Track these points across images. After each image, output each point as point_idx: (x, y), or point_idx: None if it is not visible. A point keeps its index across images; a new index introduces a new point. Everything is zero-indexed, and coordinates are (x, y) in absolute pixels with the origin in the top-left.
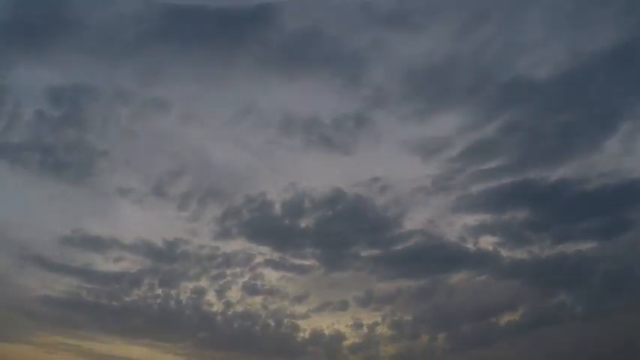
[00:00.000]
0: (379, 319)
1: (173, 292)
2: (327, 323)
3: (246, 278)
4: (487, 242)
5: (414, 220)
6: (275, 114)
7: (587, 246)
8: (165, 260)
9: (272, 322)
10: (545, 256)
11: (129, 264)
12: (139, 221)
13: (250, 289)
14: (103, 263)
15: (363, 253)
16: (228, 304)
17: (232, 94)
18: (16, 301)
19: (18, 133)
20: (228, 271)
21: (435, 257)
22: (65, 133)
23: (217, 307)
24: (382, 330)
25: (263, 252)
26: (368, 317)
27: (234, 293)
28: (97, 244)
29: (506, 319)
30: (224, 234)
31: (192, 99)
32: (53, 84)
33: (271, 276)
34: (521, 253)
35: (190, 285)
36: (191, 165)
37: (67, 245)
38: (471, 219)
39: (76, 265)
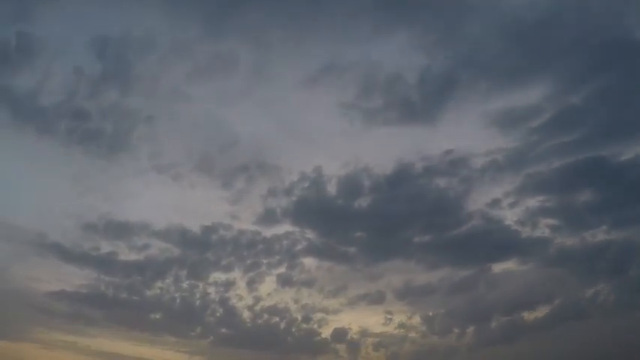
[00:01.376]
0: (411, 314)
1: (200, 284)
2: (358, 318)
3: (282, 269)
4: (545, 226)
5: (477, 201)
6: (356, 73)
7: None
8: (198, 248)
9: (300, 317)
10: (594, 243)
11: (156, 252)
12: (175, 203)
13: (284, 281)
14: (128, 252)
15: (416, 239)
16: (257, 299)
17: (310, 49)
18: (28, 296)
19: (49, 94)
20: (265, 261)
21: (487, 244)
22: (104, 94)
23: (246, 301)
24: (412, 325)
25: (308, 237)
26: (400, 311)
27: (266, 286)
28: (124, 230)
29: (538, 312)
30: (267, 217)
31: (262, 55)
32: (96, 34)
33: (310, 265)
34: (572, 240)
35: (221, 276)
36: (244, 136)
37: (90, 232)
38: (534, 200)
39: (97, 255)
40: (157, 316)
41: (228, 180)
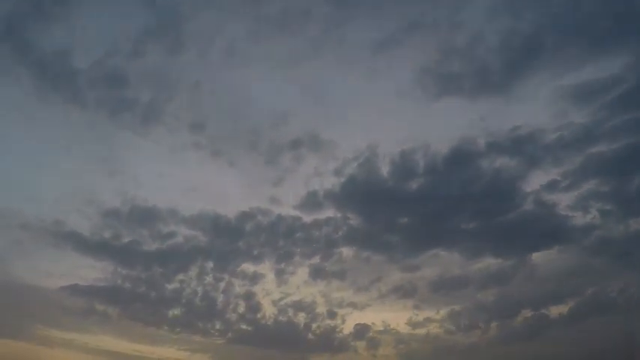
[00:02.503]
0: (438, 309)
1: (225, 276)
2: (384, 313)
3: (316, 259)
4: (596, 211)
5: (533, 183)
6: (435, 35)
7: None
8: (229, 237)
9: (325, 313)
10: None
11: (181, 241)
12: (210, 185)
13: (316, 273)
14: (151, 241)
15: (462, 226)
16: (284, 293)
17: (392, 7)
18: (39, 292)
19: (84, 54)
20: (298, 250)
21: (533, 231)
22: (147, 55)
23: (272, 295)
24: (437, 320)
25: (350, 223)
26: (429, 306)
27: (296, 278)
28: (149, 216)
29: (565, 306)
30: (310, 200)
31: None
32: None
33: (346, 255)
34: (618, 228)
35: (250, 268)
36: (298, 108)
37: (112, 219)
38: (590, 183)
39: (117, 245)
40: (176, 312)
41: (273, 157)
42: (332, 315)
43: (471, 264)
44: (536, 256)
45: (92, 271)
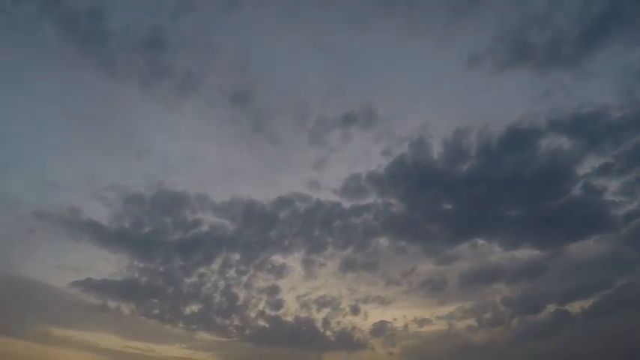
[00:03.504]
0: (464, 302)
1: (250, 269)
2: (408, 308)
3: (349, 250)
4: None
5: (584, 166)
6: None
7: None
8: (260, 226)
9: (348, 309)
10: None
11: (207, 231)
12: (246, 166)
13: (346, 265)
14: (174, 231)
15: (507, 212)
16: (310, 287)
17: None
18: (48, 289)
19: (120, 12)
20: (332, 240)
21: (577, 219)
22: (191, 12)
23: (299, 289)
24: (459, 315)
25: (391, 210)
26: (455, 301)
27: (326, 271)
28: (176, 202)
29: (593, 299)
30: (351, 185)
31: None
32: None
33: (382, 245)
34: None
35: (279, 260)
36: (355, 77)
37: (134, 206)
38: None
39: (137, 234)
40: (193, 309)
41: (320, 135)
42: (355, 310)
43: (508, 255)
44: (573, 247)
45: (107, 264)
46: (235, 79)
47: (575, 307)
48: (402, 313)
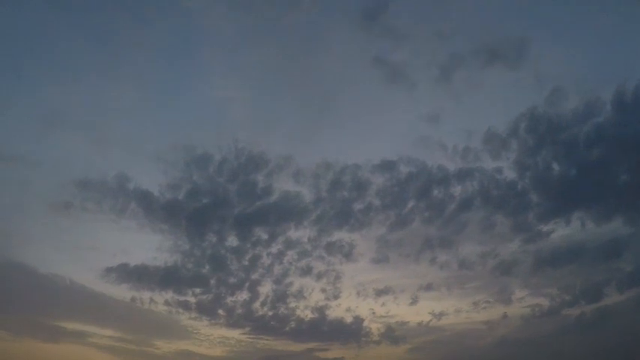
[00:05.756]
0: (529, 293)
1: (316, 250)
2: (465, 298)
3: (433, 228)
4: None
5: None
6: None
7: None
8: (344, 196)
9: (408, 299)
10: None
11: (277, 201)
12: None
13: (424, 245)
14: (238, 201)
15: (621, 177)
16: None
17: None
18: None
19: None
20: (417, 217)
21: None
22: None
23: (362, 276)
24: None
25: (498, 177)
26: (520, 288)
27: (400, 251)
28: (252, 164)
29: None
30: (469, 142)
31: None
32: None
33: (471, 220)
34: None
35: (349, 240)
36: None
37: (200, 168)
38: None
39: (192, 207)
40: (237, 299)
41: (450, 72)
42: (414, 301)
43: (598, 231)
44: None
45: (146, 246)
46: None
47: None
48: (454, 304)
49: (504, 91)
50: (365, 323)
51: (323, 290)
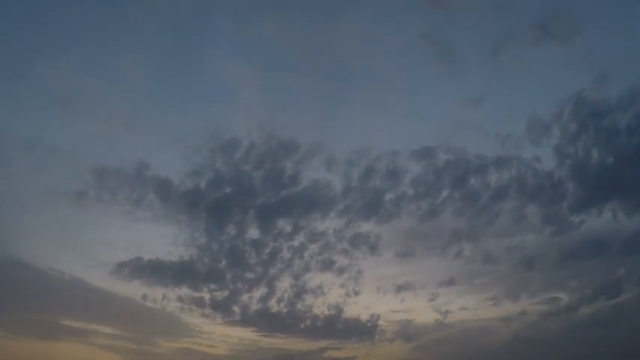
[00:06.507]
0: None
1: (340, 244)
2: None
3: (464, 219)
4: None
5: None
6: None
7: None
8: (376, 185)
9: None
10: None
11: (304, 190)
12: None
13: (453, 237)
14: (263, 190)
15: None
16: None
17: None
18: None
19: None
20: (449, 204)
21: None
22: None
23: (384, 270)
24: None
25: (536, 166)
26: (541, 286)
27: (426, 244)
28: (282, 150)
29: None
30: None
31: None
32: None
33: (503, 210)
34: None
35: (376, 232)
36: None
37: (223, 154)
38: None
39: (213, 197)
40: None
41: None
42: (434, 297)
43: (628, 223)
44: None
45: (161, 239)
46: None
47: None
48: (477, 298)
49: (552, 71)
50: (381, 321)
51: (342, 286)
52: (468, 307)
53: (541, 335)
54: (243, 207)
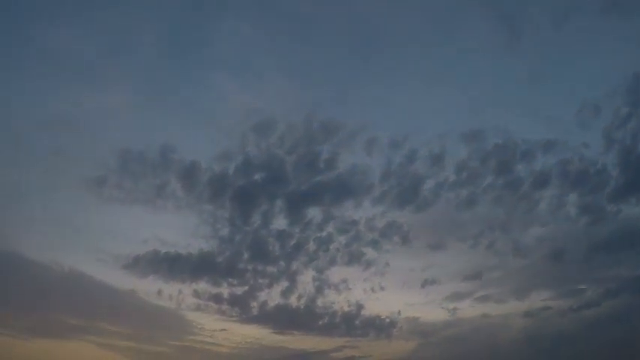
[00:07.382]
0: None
1: (372, 235)
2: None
3: (499, 209)
4: None
5: None
6: None
7: None
8: (417, 171)
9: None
10: None
11: (339, 176)
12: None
13: (486, 227)
14: (294, 175)
15: None
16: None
17: None
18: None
19: None
20: (488, 192)
21: None
22: None
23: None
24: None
25: (583, 152)
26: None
27: (458, 234)
28: (322, 132)
29: None
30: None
31: None
32: None
33: (544, 198)
34: None
35: (408, 223)
36: None
37: (257, 136)
38: None
39: (238, 184)
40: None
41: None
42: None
43: None
44: None
45: (182, 230)
46: None
47: None
48: (502, 292)
49: (615, 46)
50: (401, 317)
51: (366, 280)
52: (490, 302)
53: (559, 330)
54: (271, 195)
